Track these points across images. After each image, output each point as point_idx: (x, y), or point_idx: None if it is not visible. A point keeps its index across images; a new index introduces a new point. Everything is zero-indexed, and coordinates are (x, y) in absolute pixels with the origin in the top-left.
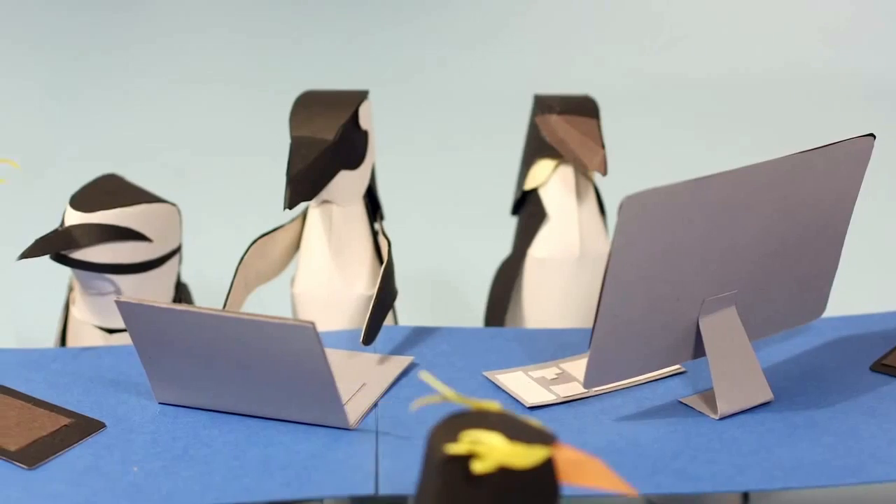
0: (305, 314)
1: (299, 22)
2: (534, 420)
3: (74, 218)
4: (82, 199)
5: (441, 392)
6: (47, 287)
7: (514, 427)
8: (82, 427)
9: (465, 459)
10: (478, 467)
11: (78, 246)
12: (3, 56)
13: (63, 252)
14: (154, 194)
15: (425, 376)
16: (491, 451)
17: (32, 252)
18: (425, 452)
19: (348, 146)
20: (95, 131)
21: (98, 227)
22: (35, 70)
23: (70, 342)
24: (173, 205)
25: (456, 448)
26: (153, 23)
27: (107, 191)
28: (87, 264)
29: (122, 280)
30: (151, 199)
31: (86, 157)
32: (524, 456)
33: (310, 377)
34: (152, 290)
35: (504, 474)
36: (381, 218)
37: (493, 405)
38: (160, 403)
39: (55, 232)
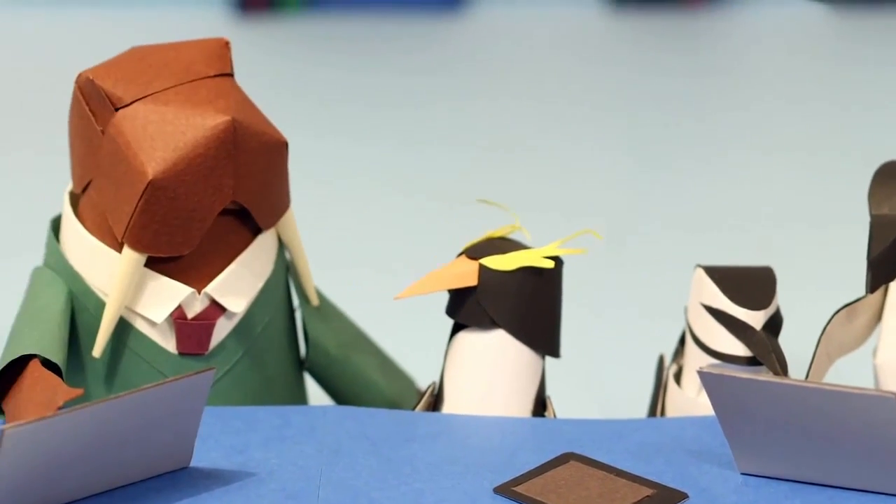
0: (888, 385)
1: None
2: None
3: (742, 314)
4: (746, 296)
5: None
6: (630, 358)
7: None
8: (664, 498)
9: None
10: None
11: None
12: (594, 126)
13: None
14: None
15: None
16: None
17: (772, 363)
18: None
19: None
20: (679, 199)
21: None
22: (626, 139)
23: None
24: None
25: None
26: (742, 91)
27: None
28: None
29: None
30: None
31: (667, 225)
32: None
33: (891, 449)
34: None
35: None
36: None
37: None
38: (742, 474)
39: (765, 342)
